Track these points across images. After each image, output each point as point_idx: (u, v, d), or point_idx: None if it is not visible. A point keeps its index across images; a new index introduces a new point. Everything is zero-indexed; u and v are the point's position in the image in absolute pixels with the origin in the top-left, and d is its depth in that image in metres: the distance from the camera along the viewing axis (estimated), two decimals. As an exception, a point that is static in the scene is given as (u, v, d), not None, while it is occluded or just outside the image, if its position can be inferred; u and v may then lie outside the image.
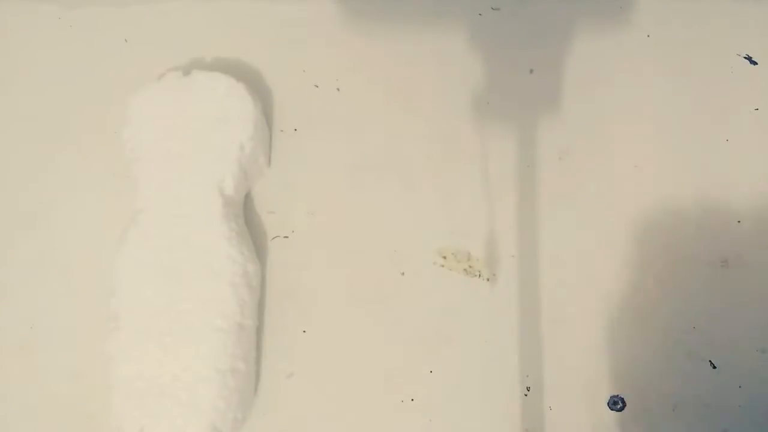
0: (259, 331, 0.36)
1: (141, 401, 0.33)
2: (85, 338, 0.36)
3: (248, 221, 0.38)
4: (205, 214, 0.36)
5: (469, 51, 0.41)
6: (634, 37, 0.42)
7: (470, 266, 0.37)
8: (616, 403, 0.35)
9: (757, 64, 0.40)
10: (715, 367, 0.36)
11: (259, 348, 0.36)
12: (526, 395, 0.35)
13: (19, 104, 0.42)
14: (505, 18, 0.43)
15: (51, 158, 0.40)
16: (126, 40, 0.43)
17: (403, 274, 0.37)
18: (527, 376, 0.35)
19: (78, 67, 0.42)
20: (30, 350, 0.36)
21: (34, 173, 0.40)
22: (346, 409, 0.35)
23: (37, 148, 0.41)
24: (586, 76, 0.41)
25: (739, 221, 0.38)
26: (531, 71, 0.41)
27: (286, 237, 0.38)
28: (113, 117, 0.40)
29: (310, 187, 0.39)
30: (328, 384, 0.36)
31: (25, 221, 0.39)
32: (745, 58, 0.41)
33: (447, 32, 0.40)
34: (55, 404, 0.35)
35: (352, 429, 0.35)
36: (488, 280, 0.37)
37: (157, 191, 0.36)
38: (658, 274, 0.37)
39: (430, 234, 0.38)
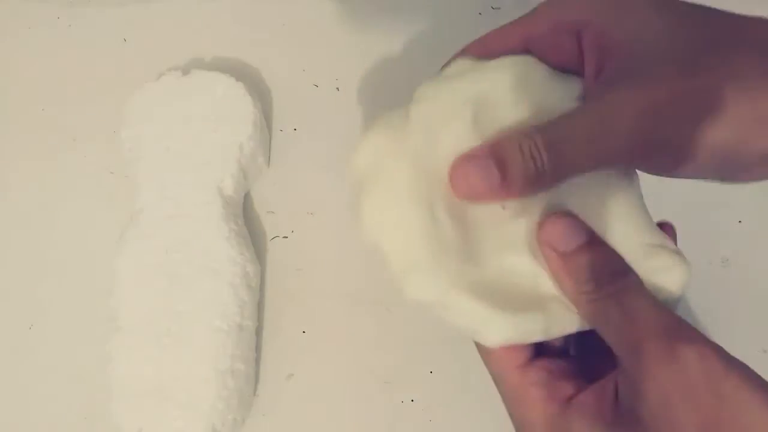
0: (258, 331, 0.36)
1: (139, 402, 0.32)
2: (85, 338, 0.36)
3: (247, 221, 0.38)
4: (205, 214, 0.36)
5: (469, 50, 0.41)
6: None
7: (470, 266, 0.37)
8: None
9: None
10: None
11: (258, 349, 0.36)
12: (526, 396, 0.35)
13: (16, 103, 0.42)
14: (506, 17, 0.42)
15: (49, 157, 0.40)
16: (125, 40, 0.43)
17: (403, 274, 0.37)
18: (528, 376, 0.35)
19: (76, 66, 0.42)
20: (29, 350, 0.36)
21: (32, 172, 0.40)
22: (346, 410, 0.35)
23: (35, 147, 0.40)
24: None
25: (740, 221, 0.38)
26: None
27: (286, 237, 0.38)
28: (112, 116, 0.40)
29: (310, 187, 0.39)
30: (328, 385, 0.35)
31: (24, 221, 0.39)
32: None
33: (447, 31, 0.40)
34: (55, 404, 0.35)
35: (352, 430, 0.35)
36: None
37: (156, 191, 0.36)
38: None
39: (430, 234, 0.38)
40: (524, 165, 0.22)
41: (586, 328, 0.24)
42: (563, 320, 0.24)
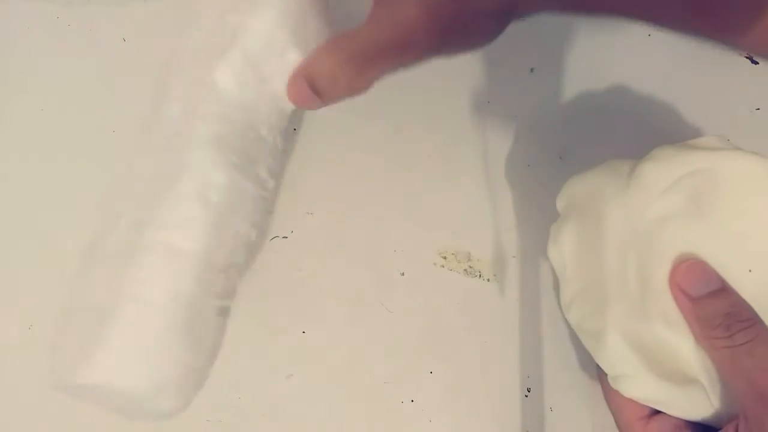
0: (258, 332, 0.36)
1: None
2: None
3: (248, 221, 0.38)
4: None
5: (469, 50, 0.41)
6: (635, 37, 0.42)
7: (470, 266, 0.37)
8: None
9: (758, 63, 0.40)
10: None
11: (257, 348, 0.36)
12: (526, 396, 0.35)
13: (15, 103, 0.41)
14: (505, 17, 0.42)
15: (49, 157, 0.40)
16: (125, 40, 0.42)
17: (403, 274, 0.37)
18: (528, 377, 0.35)
19: (76, 66, 0.42)
20: (29, 350, 0.36)
21: (32, 173, 0.40)
22: (346, 410, 0.35)
23: (35, 148, 0.40)
24: (586, 76, 0.41)
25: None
26: (531, 71, 0.41)
27: (286, 237, 0.38)
28: (112, 116, 0.40)
29: (310, 187, 0.39)
30: (328, 385, 0.35)
31: (24, 221, 0.39)
32: (746, 57, 0.41)
33: (447, 32, 0.40)
34: (55, 404, 0.35)
35: (352, 430, 0.35)
36: (489, 280, 0.37)
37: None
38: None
39: (430, 234, 0.38)
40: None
41: (716, 424, 0.25)
42: (696, 406, 0.25)
